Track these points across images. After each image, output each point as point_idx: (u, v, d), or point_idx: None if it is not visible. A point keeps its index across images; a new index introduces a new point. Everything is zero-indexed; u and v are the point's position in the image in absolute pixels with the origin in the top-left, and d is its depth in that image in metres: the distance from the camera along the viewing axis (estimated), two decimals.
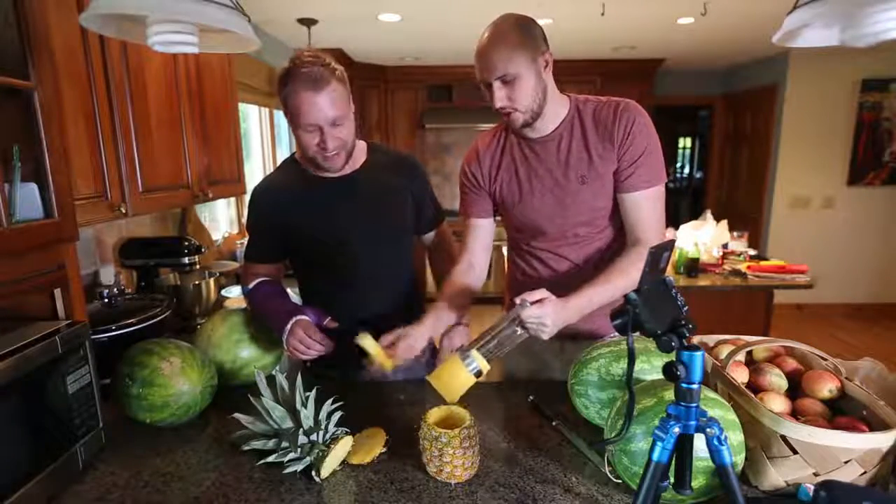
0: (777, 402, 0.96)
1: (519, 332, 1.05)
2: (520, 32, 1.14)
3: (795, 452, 0.85)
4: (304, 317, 1.25)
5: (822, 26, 0.92)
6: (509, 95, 1.17)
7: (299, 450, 0.97)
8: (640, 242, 1.21)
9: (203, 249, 2.12)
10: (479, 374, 1.01)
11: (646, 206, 1.23)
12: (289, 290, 1.44)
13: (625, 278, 1.16)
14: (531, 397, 1.25)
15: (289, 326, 1.23)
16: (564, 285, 1.17)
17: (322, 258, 1.39)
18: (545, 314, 1.03)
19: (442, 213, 1.55)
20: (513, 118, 1.21)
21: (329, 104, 1.20)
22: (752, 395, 0.92)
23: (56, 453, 0.95)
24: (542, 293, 1.06)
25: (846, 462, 0.82)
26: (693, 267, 3.05)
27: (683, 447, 0.75)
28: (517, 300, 1.05)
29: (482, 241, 1.40)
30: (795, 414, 0.96)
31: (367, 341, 1.16)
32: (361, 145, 1.42)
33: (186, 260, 2.04)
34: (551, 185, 1.28)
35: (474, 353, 1.01)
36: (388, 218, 1.39)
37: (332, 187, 1.36)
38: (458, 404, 1.02)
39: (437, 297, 1.33)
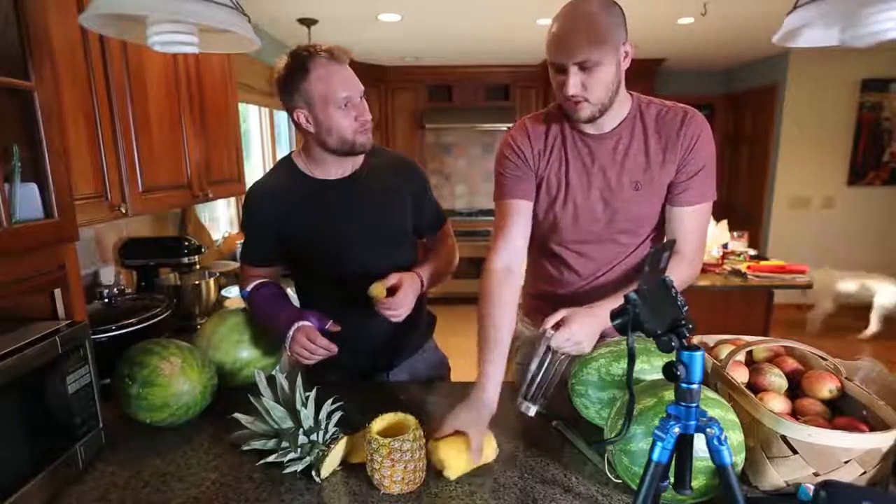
0: (777, 402, 0.96)
1: (561, 357, 1.07)
2: (607, 14, 1.04)
3: (795, 452, 0.85)
4: (306, 322, 1.23)
5: (822, 26, 0.92)
6: (584, 83, 1.07)
7: (299, 450, 0.97)
8: (679, 254, 1.18)
9: (203, 249, 2.12)
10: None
11: (692, 220, 1.19)
12: (288, 291, 1.44)
13: None
14: None
15: (291, 333, 1.22)
16: (586, 291, 1.14)
17: (321, 262, 1.36)
18: (573, 333, 1.05)
19: (443, 216, 1.51)
20: (580, 108, 1.11)
21: (355, 76, 1.24)
22: (752, 395, 0.92)
23: (56, 453, 0.95)
24: (558, 315, 1.07)
25: (846, 462, 0.82)
26: None
27: (683, 447, 0.75)
28: (541, 330, 1.07)
29: (524, 228, 1.24)
30: (795, 414, 0.96)
31: (377, 290, 1.23)
32: None
33: (186, 260, 2.04)
34: (601, 186, 1.20)
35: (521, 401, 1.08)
36: (388, 220, 1.36)
37: (332, 190, 1.32)
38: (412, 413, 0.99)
39: (484, 330, 1.11)
